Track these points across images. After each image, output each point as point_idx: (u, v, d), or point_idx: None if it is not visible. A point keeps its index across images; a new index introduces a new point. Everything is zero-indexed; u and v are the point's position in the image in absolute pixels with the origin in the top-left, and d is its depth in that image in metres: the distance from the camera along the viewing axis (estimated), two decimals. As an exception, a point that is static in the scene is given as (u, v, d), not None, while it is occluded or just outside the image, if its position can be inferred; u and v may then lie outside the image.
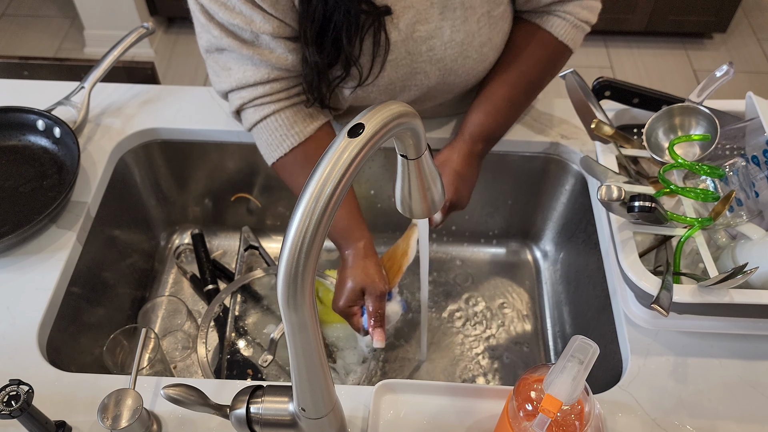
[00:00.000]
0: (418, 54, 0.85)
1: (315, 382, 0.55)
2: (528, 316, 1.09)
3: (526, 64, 0.90)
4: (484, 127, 0.91)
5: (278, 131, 0.86)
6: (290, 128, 0.86)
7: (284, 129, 0.86)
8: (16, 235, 0.83)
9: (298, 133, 0.86)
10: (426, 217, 0.62)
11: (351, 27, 0.78)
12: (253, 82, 0.83)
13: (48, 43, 2.76)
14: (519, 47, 0.91)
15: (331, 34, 0.79)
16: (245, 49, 0.80)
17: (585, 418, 0.57)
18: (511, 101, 0.92)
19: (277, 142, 0.87)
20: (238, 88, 0.85)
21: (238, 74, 0.84)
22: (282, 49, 0.81)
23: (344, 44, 0.80)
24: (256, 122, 0.87)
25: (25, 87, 1.10)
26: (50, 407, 0.70)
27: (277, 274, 0.45)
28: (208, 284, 1.06)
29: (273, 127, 0.86)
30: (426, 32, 0.83)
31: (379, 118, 0.45)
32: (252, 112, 0.86)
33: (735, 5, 2.57)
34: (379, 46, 0.82)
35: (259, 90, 0.84)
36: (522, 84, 0.92)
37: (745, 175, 0.76)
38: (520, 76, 0.91)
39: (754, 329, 0.75)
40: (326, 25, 0.78)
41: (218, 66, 0.85)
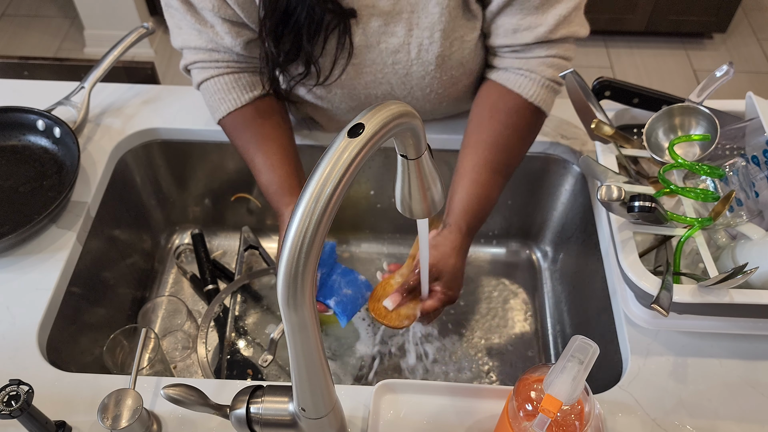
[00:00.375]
0: (382, 64, 0.85)
1: (315, 382, 0.55)
2: (528, 316, 1.09)
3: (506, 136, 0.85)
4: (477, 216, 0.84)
5: (217, 95, 0.88)
6: (228, 92, 0.88)
7: (222, 93, 0.88)
8: (16, 235, 0.83)
9: (235, 99, 0.88)
10: (426, 217, 0.62)
11: (313, 25, 0.78)
12: (194, 46, 0.86)
13: (48, 43, 2.76)
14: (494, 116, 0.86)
15: (291, 29, 0.79)
16: (189, 15, 0.83)
17: (585, 418, 0.57)
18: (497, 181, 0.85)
19: (216, 105, 0.89)
20: (185, 47, 0.88)
21: (184, 34, 0.86)
22: (221, 27, 0.82)
23: (304, 42, 0.79)
24: (198, 83, 0.90)
25: (25, 87, 1.10)
26: (50, 407, 0.70)
27: (277, 274, 0.45)
28: (208, 284, 1.06)
29: (213, 89, 0.88)
30: (392, 45, 0.83)
31: (379, 118, 0.45)
32: (195, 73, 0.89)
33: (735, 5, 2.57)
34: (342, 48, 0.81)
35: (200, 54, 0.87)
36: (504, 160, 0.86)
37: (745, 175, 0.76)
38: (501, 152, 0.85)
39: (754, 329, 0.75)
40: (287, 19, 0.78)
41: (172, 22, 0.88)
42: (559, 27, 0.81)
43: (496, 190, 0.86)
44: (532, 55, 0.84)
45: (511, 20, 0.81)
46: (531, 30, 0.81)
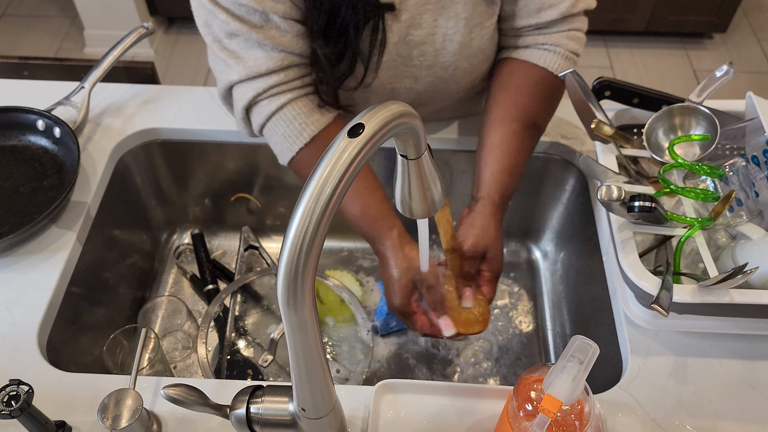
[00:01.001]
0: (409, 57, 0.85)
1: (315, 382, 0.55)
2: (528, 316, 1.09)
3: (534, 108, 0.87)
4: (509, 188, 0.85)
5: (297, 120, 0.81)
6: (309, 116, 0.82)
7: (303, 117, 0.81)
8: (16, 235, 0.83)
9: (317, 121, 0.82)
10: (426, 217, 0.62)
11: (358, 20, 0.77)
12: (266, 70, 0.79)
13: (48, 43, 2.76)
14: (519, 91, 0.88)
15: (338, 26, 0.78)
16: (255, 33, 0.77)
17: (585, 418, 0.57)
18: (526, 152, 0.87)
19: (296, 133, 0.81)
20: (248, 78, 0.80)
21: (249, 62, 0.79)
22: (293, 31, 0.78)
23: (351, 38, 0.79)
24: (270, 114, 0.81)
25: (25, 87, 1.10)
26: (50, 407, 0.70)
27: (277, 274, 0.45)
28: (208, 284, 1.06)
29: (290, 116, 0.81)
30: (419, 37, 0.83)
31: (379, 118, 0.45)
32: (266, 104, 0.81)
33: (735, 5, 2.57)
34: (375, 45, 0.81)
35: (273, 79, 0.79)
36: (533, 133, 0.88)
37: (745, 175, 0.76)
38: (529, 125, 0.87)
39: (754, 329, 0.75)
40: (333, 17, 0.77)
41: (225, 54, 0.80)
42: (578, 1, 0.85)
43: (525, 161, 0.88)
44: (555, 30, 0.87)
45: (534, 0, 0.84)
46: (555, 7, 0.84)
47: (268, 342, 0.96)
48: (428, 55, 0.85)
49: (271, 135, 0.84)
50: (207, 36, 0.81)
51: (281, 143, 0.83)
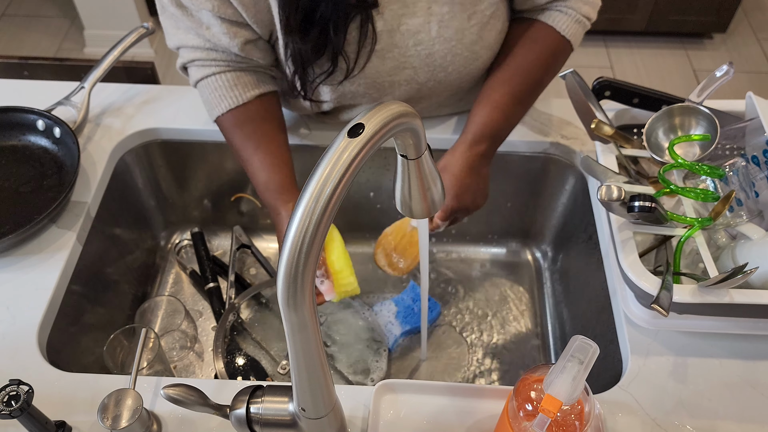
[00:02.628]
0: (405, 47, 0.84)
1: (315, 382, 0.55)
2: (528, 317, 1.09)
3: (527, 59, 0.88)
4: (487, 125, 0.87)
5: (218, 91, 0.88)
6: (231, 89, 0.87)
7: (224, 90, 0.87)
8: (16, 235, 0.83)
9: (238, 96, 0.88)
10: (426, 217, 0.62)
11: (338, 17, 0.77)
12: (191, 45, 0.86)
13: (48, 43, 2.76)
14: (518, 43, 0.89)
15: (317, 23, 0.78)
16: (185, 18, 0.83)
17: (585, 418, 0.57)
18: (513, 97, 0.88)
19: (216, 102, 0.88)
20: (181, 46, 0.88)
21: (181, 34, 0.86)
22: (219, 28, 0.82)
23: (331, 35, 0.79)
24: (197, 80, 0.89)
25: (25, 87, 1.10)
26: (50, 407, 0.70)
27: (277, 274, 0.45)
28: (209, 282, 1.06)
29: (213, 86, 0.88)
30: (413, 26, 0.83)
31: (379, 118, 0.45)
32: (194, 70, 0.89)
33: (735, 5, 2.57)
34: (365, 37, 0.81)
35: (198, 53, 0.87)
36: (523, 80, 0.89)
37: (745, 175, 0.76)
38: (520, 72, 0.88)
39: (754, 329, 0.75)
40: (311, 14, 0.77)
41: (168, 23, 0.87)
42: None
43: (512, 108, 0.89)
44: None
45: None
46: None
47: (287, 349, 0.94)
48: (425, 43, 0.84)
49: (201, 96, 0.92)
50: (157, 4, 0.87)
51: (206, 105, 0.91)
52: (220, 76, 0.87)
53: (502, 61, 0.90)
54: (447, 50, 0.85)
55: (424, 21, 0.82)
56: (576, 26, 0.88)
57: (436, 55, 0.86)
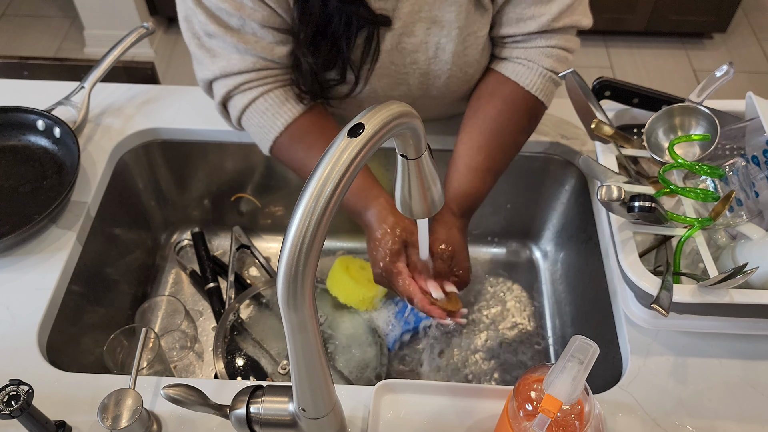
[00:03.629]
0: (401, 65, 0.85)
1: (315, 382, 0.55)
2: (528, 316, 1.09)
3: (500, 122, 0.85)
4: (470, 199, 0.85)
5: (270, 111, 0.83)
6: (282, 106, 0.83)
7: (276, 107, 0.83)
8: (16, 235, 0.83)
9: (290, 110, 0.84)
10: (426, 216, 0.62)
11: (351, 33, 0.77)
12: (237, 71, 0.81)
13: (48, 43, 2.76)
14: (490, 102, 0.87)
15: (329, 38, 0.78)
16: (230, 36, 0.78)
17: (585, 418, 0.57)
18: (491, 165, 0.86)
19: (270, 123, 0.84)
20: (222, 75, 0.82)
21: (222, 62, 0.81)
22: (270, 38, 0.79)
23: (343, 50, 0.79)
24: (244, 107, 0.84)
25: (25, 87, 1.10)
26: (50, 407, 0.70)
27: (277, 274, 0.45)
28: (209, 282, 1.06)
29: (263, 108, 0.83)
30: (411, 45, 0.83)
31: (379, 118, 0.45)
32: (239, 98, 0.83)
33: (735, 5, 2.57)
34: (368, 54, 0.81)
35: (245, 76, 0.82)
36: (499, 146, 0.86)
37: (745, 175, 0.76)
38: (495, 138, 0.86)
39: (754, 329, 0.75)
40: (324, 28, 0.77)
41: (202, 52, 0.82)
42: (562, 15, 0.82)
43: (489, 175, 0.86)
44: (532, 45, 0.85)
45: (516, 10, 0.82)
46: (534, 19, 0.82)
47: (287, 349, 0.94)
48: (421, 63, 0.85)
49: (249, 126, 0.86)
50: (186, 32, 0.83)
51: (257, 134, 0.86)
52: (269, 95, 0.83)
53: (474, 123, 0.87)
54: (441, 71, 0.86)
55: (422, 41, 0.83)
56: (542, 81, 0.86)
57: (430, 74, 0.86)
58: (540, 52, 0.85)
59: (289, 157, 0.86)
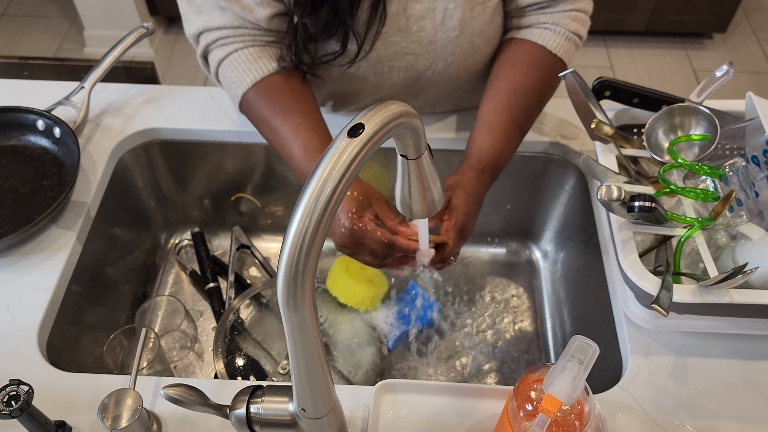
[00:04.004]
0: (408, 32, 0.84)
1: (315, 382, 0.55)
2: (528, 316, 1.09)
3: (524, 83, 0.86)
4: (492, 155, 0.84)
5: (242, 66, 0.84)
6: (254, 62, 0.84)
7: (248, 63, 0.84)
8: (16, 235, 0.83)
9: (263, 66, 0.84)
10: (426, 216, 0.62)
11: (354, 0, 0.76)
12: (218, 26, 0.83)
13: (48, 43, 2.76)
14: (513, 65, 0.87)
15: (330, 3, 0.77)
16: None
17: (585, 418, 0.57)
18: (513, 123, 0.86)
19: (240, 77, 0.84)
20: (205, 30, 0.84)
21: (205, 16, 0.83)
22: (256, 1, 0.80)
23: (345, 17, 0.78)
24: (220, 60, 0.85)
25: (25, 87, 1.10)
26: (50, 407, 0.70)
27: (277, 274, 0.45)
28: (209, 282, 1.06)
29: (236, 62, 0.84)
30: (419, 11, 0.82)
31: (379, 118, 0.45)
32: (217, 51, 0.85)
33: (735, 5, 2.57)
34: (374, 19, 0.80)
35: (224, 31, 0.83)
36: (522, 105, 0.86)
37: (745, 175, 0.76)
38: (518, 97, 0.86)
39: (754, 329, 0.75)
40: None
41: (190, 9, 0.84)
42: None
43: (513, 135, 0.86)
44: (557, 9, 0.86)
45: None
46: None
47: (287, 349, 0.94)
48: (428, 30, 0.84)
49: (223, 80, 0.87)
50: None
51: (230, 89, 0.86)
52: (243, 51, 0.84)
53: (498, 85, 0.87)
54: (448, 39, 0.85)
55: (429, 6, 0.82)
56: (567, 44, 0.87)
57: (437, 43, 0.85)
58: (565, 16, 0.86)
59: (256, 115, 0.86)
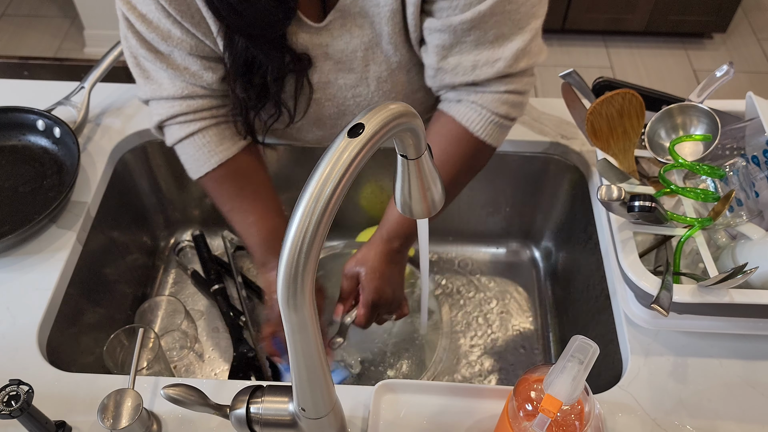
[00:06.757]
0: (343, 98, 0.85)
1: (315, 382, 0.55)
2: (528, 316, 1.09)
3: (442, 160, 0.82)
4: (401, 225, 0.85)
5: (206, 147, 0.84)
6: (218, 145, 0.84)
7: (212, 145, 0.84)
8: (16, 235, 0.83)
9: (227, 149, 0.85)
10: (426, 216, 0.62)
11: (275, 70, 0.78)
12: (167, 95, 0.81)
13: (48, 43, 2.76)
14: (433, 141, 0.83)
15: (257, 73, 0.78)
16: (160, 61, 0.79)
17: (585, 418, 0.57)
18: None
19: (205, 158, 0.84)
20: (153, 99, 0.83)
21: (154, 85, 0.82)
22: (197, 66, 0.80)
23: (270, 86, 0.79)
24: (180, 138, 0.84)
25: (25, 87, 1.10)
26: (50, 407, 0.70)
27: (278, 274, 0.45)
28: (213, 284, 1.06)
29: (200, 143, 0.84)
30: (350, 81, 0.83)
31: (379, 118, 0.45)
32: (176, 129, 0.84)
33: (735, 5, 2.57)
34: (301, 89, 0.82)
35: (176, 107, 0.82)
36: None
37: (745, 175, 0.76)
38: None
39: (754, 329, 0.75)
40: (252, 63, 0.77)
41: (137, 72, 0.83)
42: (518, 60, 0.77)
43: None
44: (489, 90, 0.79)
45: (468, 57, 0.78)
46: (491, 65, 0.77)
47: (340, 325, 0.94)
48: (363, 96, 0.85)
49: (182, 154, 0.86)
50: (125, 50, 0.83)
51: (189, 163, 0.86)
52: (207, 131, 0.84)
53: None
54: (386, 99, 0.85)
55: (361, 77, 0.83)
56: (492, 128, 0.81)
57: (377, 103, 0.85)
58: (497, 99, 0.79)
59: (218, 191, 0.88)
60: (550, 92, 0.95)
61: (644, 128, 0.84)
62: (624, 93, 0.80)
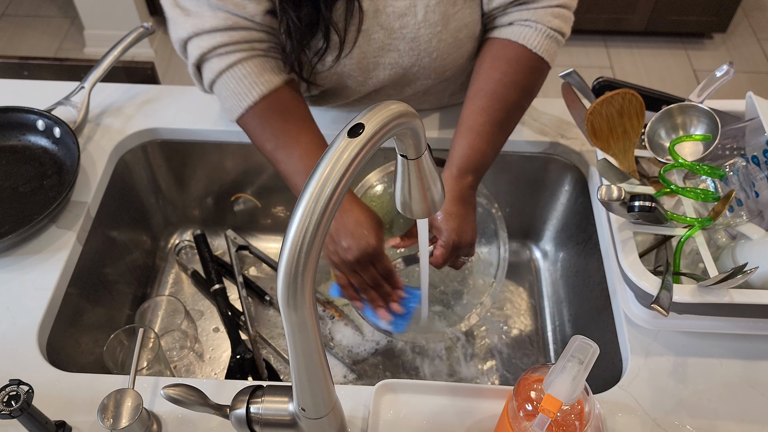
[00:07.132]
0: (390, 29, 0.84)
1: (315, 382, 0.55)
2: (528, 316, 1.09)
3: (503, 84, 0.84)
4: (471, 157, 0.83)
5: (247, 78, 0.81)
6: (259, 75, 0.81)
7: (254, 76, 0.81)
8: (16, 235, 0.83)
9: (268, 81, 0.82)
10: (426, 216, 0.62)
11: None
12: (209, 28, 0.79)
13: (48, 43, 2.76)
14: (493, 65, 0.85)
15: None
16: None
17: (585, 418, 0.57)
18: (494, 125, 0.84)
19: (246, 90, 0.81)
20: (195, 34, 0.81)
21: (195, 19, 0.80)
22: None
23: (322, 9, 0.78)
24: (221, 71, 0.81)
25: (25, 87, 1.10)
26: (50, 407, 0.70)
27: (277, 274, 0.45)
28: (214, 284, 1.06)
29: (240, 74, 0.81)
30: (399, 8, 0.82)
31: (379, 118, 0.45)
32: (216, 61, 0.81)
33: (735, 5, 2.57)
34: (352, 15, 0.80)
35: (217, 38, 0.80)
36: (502, 106, 0.84)
37: (745, 175, 0.76)
38: (498, 98, 0.84)
39: (754, 329, 0.75)
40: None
41: (176, 12, 0.81)
42: None
43: (494, 136, 0.85)
44: (540, 5, 0.84)
45: None
46: None
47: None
48: (410, 27, 0.84)
49: (221, 90, 0.84)
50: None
51: (231, 99, 0.83)
52: (247, 62, 0.81)
53: (477, 87, 0.86)
54: (432, 35, 0.85)
55: (411, 4, 0.82)
56: (548, 42, 0.84)
57: (421, 39, 0.85)
58: (548, 12, 0.83)
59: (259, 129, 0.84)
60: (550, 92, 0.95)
61: (644, 128, 0.84)
62: (624, 93, 0.80)
